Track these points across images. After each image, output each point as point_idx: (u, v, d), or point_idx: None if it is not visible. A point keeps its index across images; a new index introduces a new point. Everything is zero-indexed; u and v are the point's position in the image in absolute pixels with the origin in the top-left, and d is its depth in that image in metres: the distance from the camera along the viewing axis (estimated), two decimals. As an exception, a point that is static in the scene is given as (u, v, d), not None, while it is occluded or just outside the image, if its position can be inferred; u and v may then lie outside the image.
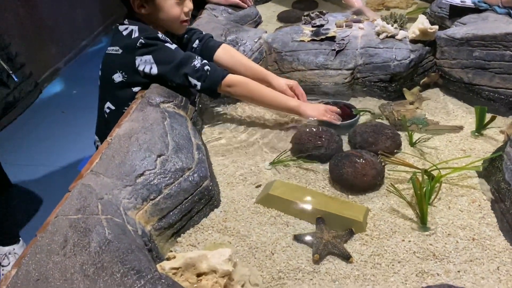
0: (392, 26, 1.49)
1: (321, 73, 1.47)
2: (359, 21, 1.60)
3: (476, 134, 1.31)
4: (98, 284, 0.70)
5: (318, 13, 1.63)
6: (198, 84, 1.25)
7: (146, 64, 1.25)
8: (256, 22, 1.93)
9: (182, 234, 1.02)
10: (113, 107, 1.32)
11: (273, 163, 1.22)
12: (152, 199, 0.97)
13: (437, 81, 1.52)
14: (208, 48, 1.40)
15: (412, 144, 1.27)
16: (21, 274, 0.73)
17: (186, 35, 1.42)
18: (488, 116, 1.29)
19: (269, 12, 2.21)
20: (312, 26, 1.57)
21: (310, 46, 1.50)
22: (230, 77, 1.27)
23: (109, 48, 1.30)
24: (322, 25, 1.56)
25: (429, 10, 1.95)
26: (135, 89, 1.28)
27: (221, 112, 1.46)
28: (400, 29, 1.50)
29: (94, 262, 0.74)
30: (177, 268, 0.83)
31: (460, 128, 1.33)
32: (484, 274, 0.91)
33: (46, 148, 2.75)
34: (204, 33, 1.45)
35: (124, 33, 1.27)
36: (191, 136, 1.15)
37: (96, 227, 0.81)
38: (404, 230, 1.02)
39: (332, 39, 1.50)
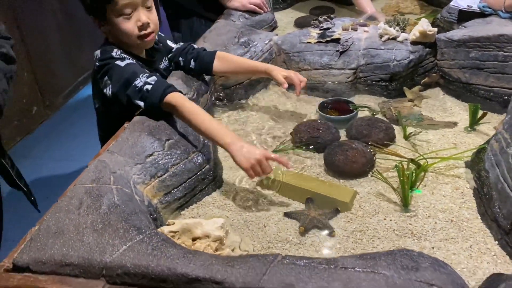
0: (394, 29, 1.58)
1: (325, 72, 1.58)
2: (364, 25, 1.70)
3: (469, 129, 1.38)
4: (104, 236, 0.84)
5: (326, 17, 1.74)
6: (141, 104, 1.19)
7: (106, 86, 1.24)
8: (272, 27, 2.05)
9: (185, 209, 1.14)
10: (101, 133, 1.39)
11: (274, 151, 1.33)
12: (159, 176, 1.10)
13: (438, 81, 1.60)
14: (204, 64, 1.44)
15: (406, 137, 1.35)
16: (42, 228, 0.87)
17: (181, 59, 1.44)
18: (482, 113, 1.36)
19: (287, 18, 2.33)
20: (320, 30, 1.68)
21: (316, 47, 1.61)
22: (169, 99, 1.16)
23: None
24: (328, 28, 1.66)
25: (440, 15, 2.02)
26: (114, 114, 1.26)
27: (234, 104, 1.58)
28: (402, 32, 1.59)
29: (103, 220, 0.87)
30: (174, 232, 0.95)
31: (454, 124, 1.40)
32: (456, 251, 0.99)
33: (81, 144, 2.94)
34: (195, 47, 1.47)
35: (94, 57, 1.29)
36: (199, 124, 1.28)
37: (107, 194, 0.94)
38: (387, 211, 1.11)
39: (337, 41, 1.60)
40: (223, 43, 1.63)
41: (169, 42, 1.47)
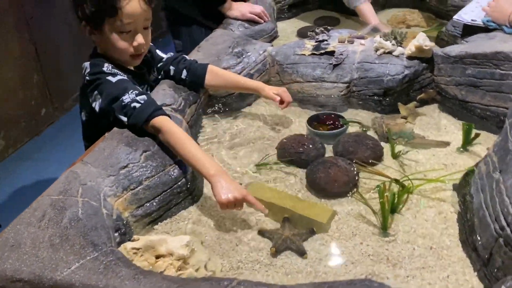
0: (391, 42, 1.54)
1: (317, 85, 1.54)
2: (362, 38, 1.66)
3: (462, 150, 1.32)
4: (59, 252, 0.82)
5: (322, 29, 1.70)
6: (125, 119, 1.17)
7: (96, 100, 1.23)
8: (272, 36, 2.02)
9: (159, 223, 1.12)
10: (88, 144, 1.35)
11: (257, 166, 1.30)
12: (132, 189, 1.08)
13: (435, 97, 1.54)
14: (196, 77, 1.43)
15: (394, 156, 1.31)
16: (0, 240, 0.86)
17: (172, 68, 1.43)
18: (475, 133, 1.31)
19: (290, 28, 2.30)
20: (315, 41, 1.64)
21: (310, 59, 1.57)
22: (155, 122, 1.14)
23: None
24: (324, 40, 1.63)
25: (445, 28, 1.96)
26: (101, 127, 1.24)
27: (223, 115, 1.56)
28: (398, 46, 1.54)
29: (61, 235, 0.86)
30: (137, 249, 0.93)
31: (447, 143, 1.35)
32: (432, 280, 0.94)
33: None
34: (187, 58, 1.46)
35: (83, 70, 1.28)
36: (181, 136, 1.26)
37: (72, 207, 0.93)
38: (365, 234, 1.07)
39: (331, 53, 1.57)
40: (217, 53, 1.61)
41: (159, 52, 1.46)
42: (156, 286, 0.75)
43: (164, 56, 1.46)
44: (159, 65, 1.45)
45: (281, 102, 1.45)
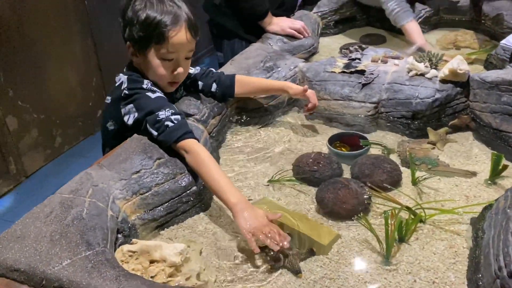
0: (425, 64, 1.48)
1: (345, 104, 1.52)
2: (397, 58, 1.61)
3: (489, 182, 1.25)
4: (56, 247, 0.87)
5: (356, 47, 1.68)
6: (154, 133, 1.20)
7: (130, 113, 1.26)
8: (310, 52, 2.02)
9: (166, 228, 1.16)
10: (109, 150, 1.35)
11: (270, 181, 1.31)
12: (141, 194, 1.12)
13: (469, 124, 1.47)
14: (226, 88, 1.47)
15: (414, 182, 1.26)
16: (9, 232, 0.93)
17: (201, 82, 1.46)
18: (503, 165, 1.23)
19: (334, 44, 2.28)
20: (348, 59, 1.62)
21: (340, 77, 1.55)
22: (185, 144, 1.17)
23: (106, 97, 1.38)
24: (356, 59, 1.60)
25: (494, 51, 1.86)
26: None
27: (247, 128, 1.58)
28: (432, 68, 1.49)
29: (61, 232, 0.91)
30: (133, 252, 0.97)
31: (473, 174, 1.28)
32: (428, 317, 0.90)
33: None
34: (214, 71, 1.50)
35: (117, 83, 1.32)
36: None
37: (78, 206, 0.99)
38: (366, 261, 1.04)
39: (362, 72, 1.54)
40: (248, 67, 1.64)
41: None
42: (133, 290, 0.77)
43: (192, 72, 1.48)
44: (187, 82, 1.47)
45: (306, 106, 1.50)
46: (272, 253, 1.04)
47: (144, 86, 1.27)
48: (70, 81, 3.01)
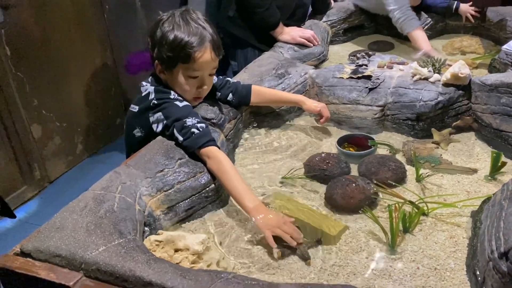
0: (428, 69, 1.57)
1: (352, 107, 1.61)
2: (402, 63, 1.70)
3: (489, 178, 1.33)
4: (92, 236, 0.98)
5: (364, 54, 1.77)
6: (180, 138, 1.29)
7: (158, 122, 1.34)
8: (320, 60, 2.12)
9: (187, 222, 1.25)
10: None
11: (283, 178, 1.40)
12: (165, 191, 1.22)
13: (472, 125, 1.55)
14: (242, 98, 1.57)
15: (418, 179, 1.34)
16: (50, 222, 1.04)
17: (218, 93, 1.55)
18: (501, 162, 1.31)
19: (343, 52, 2.38)
20: (355, 65, 1.72)
21: (347, 82, 1.65)
22: (208, 150, 1.27)
23: (131, 105, 1.46)
24: (363, 65, 1.70)
25: (498, 56, 1.94)
26: None
27: (260, 131, 1.68)
28: (436, 73, 1.57)
29: (96, 222, 1.02)
30: (160, 241, 1.07)
31: (474, 170, 1.36)
32: (429, 299, 0.98)
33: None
34: (231, 81, 1.59)
35: (143, 93, 1.41)
36: (216, 148, 1.39)
37: (109, 201, 1.09)
38: (372, 250, 1.12)
39: (368, 77, 1.63)
40: (260, 74, 1.74)
41: None
42: (163, 271, 0.87)
43: None
44: None
45: (321, 117, 1.59)
46: (284, 243, 1.13)
47: (172, 96, 1.38)
48: (90, 91, 3.14)
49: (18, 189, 2.76)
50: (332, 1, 2.59)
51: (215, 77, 1.60)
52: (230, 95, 1.58)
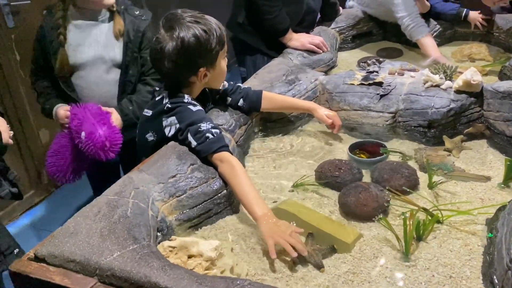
0: (439, 76, 1.57)
1: (363, 114, 1.61)
2: (413, 70, 1.70)
3: (502, 186, 1.32)
4: (106, 242, 0.97)
5: (374, 61, 1.77)
6: (194, 143, 1.30)
7: (171, 125, 1.35)
8: (329, 66, 2.12)
9: (199, 229, 1.25)
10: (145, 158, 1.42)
11: (294, 185, 1.40)
12: (177, 196, 1.22)
13: (484, 132, 1.54)
14: (253, 103, 1.58)
15: (431, 186, 1.33)
16: (63, 228, 1.03)
17: (229, 98, 1.58)
18: (517, 169, 1.30)
19: (352, 58, 2.38)
20: (366, 72, 1.72)
21: (358, 89, 1.65)
22: (221, 155, 1.28)
23: (145, 110, 1.46)
24: (374, 71, 1.69)
25: (508, 63, 1.94)
26: None
27: (272, 137, 1.68)
28: (447, 80, 1.57)
29: (110, 228, 1.01)
30: (173, 247, 1.06)
31: (487, 178, 1.35)
32: (445, 308, 0.97)
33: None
34: (242, 87, 1.60)
35: (156, 98, 1.42)
36: (227, 153, 1.39)
37: (123, 206, 1.09)
38: (386, 257, 1.11)
39: (379, 84, 1.63)
40: (270, 80, 1.74)
41: None
42: (179, 277, 0.87)
43: (220, 87, 1.58)
44: (216, 97, 1.58)
45: (332, 125, 1.59)
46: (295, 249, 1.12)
47: (185, 100, 1.38)
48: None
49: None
50: (340, 8, 2.59)
51: (226, 83, 1.60)
52: (241, 100, 1.58)
